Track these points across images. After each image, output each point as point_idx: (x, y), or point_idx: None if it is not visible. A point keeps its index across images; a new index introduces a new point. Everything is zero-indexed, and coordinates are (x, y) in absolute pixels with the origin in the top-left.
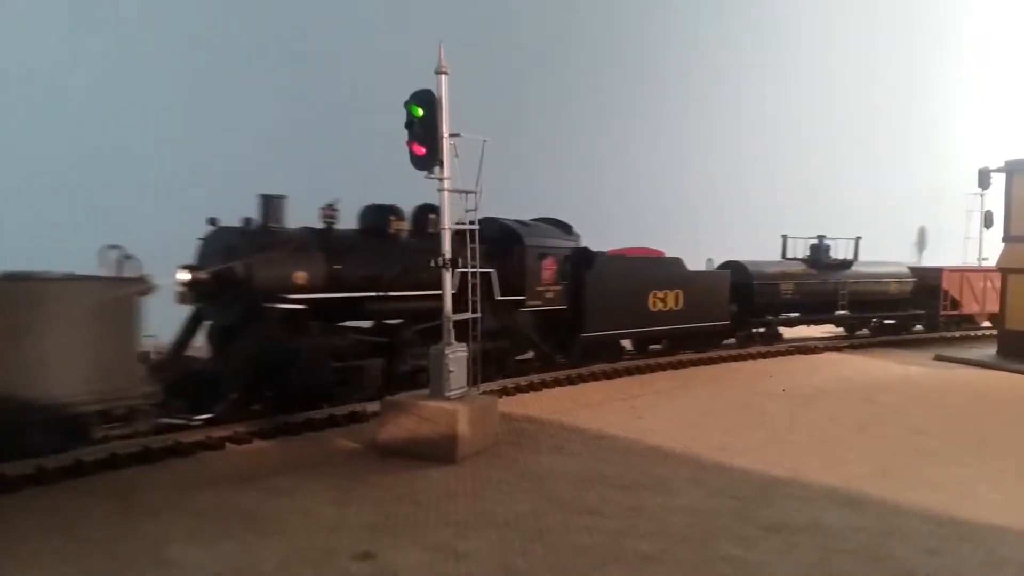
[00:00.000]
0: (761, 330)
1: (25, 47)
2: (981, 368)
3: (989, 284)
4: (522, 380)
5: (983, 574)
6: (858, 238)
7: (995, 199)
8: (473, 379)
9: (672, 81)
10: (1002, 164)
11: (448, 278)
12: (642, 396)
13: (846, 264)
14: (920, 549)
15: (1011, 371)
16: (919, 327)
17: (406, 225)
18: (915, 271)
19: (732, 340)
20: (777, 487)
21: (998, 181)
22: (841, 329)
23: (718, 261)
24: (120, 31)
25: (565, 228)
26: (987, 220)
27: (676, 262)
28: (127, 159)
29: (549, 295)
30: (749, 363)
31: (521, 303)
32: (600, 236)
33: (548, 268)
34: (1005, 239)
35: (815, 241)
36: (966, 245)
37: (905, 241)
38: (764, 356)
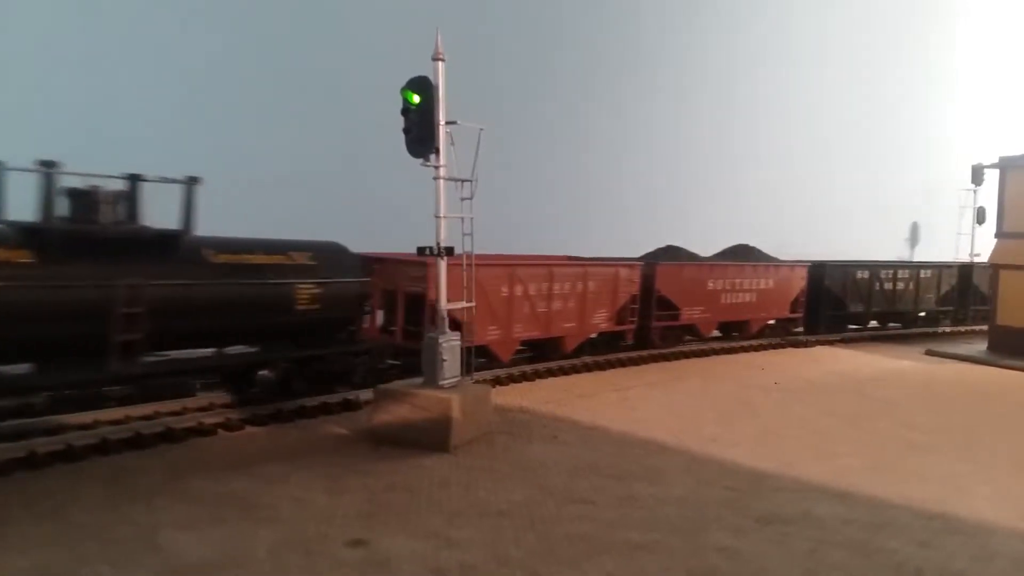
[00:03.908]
0: None
1: (20, 39)
2: (972, 363)
3: (508, 289)
4: (515, 371)
5: (974, 567)
6: (191, 179)
7: (988, 195)
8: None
9: (668, 74)
10: (996, 160)
11: (443, 266)
12: (635, 387)
13: (142, 240)
14: (911, 542)
15: (1001, 367)
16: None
17: None
18: (329, 264)
19: None
20: (769, 479)
21: (991, 177)
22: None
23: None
24: (116, 20)
25: None
26: (980, 216)
27: None
28: (123, 150)
29: None
30: (741, 356)
31: None
32: (598, 232)
33: None
34: (998, 235)
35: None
36: (958, 241)
37: (898, 237)
38: (756, 349)
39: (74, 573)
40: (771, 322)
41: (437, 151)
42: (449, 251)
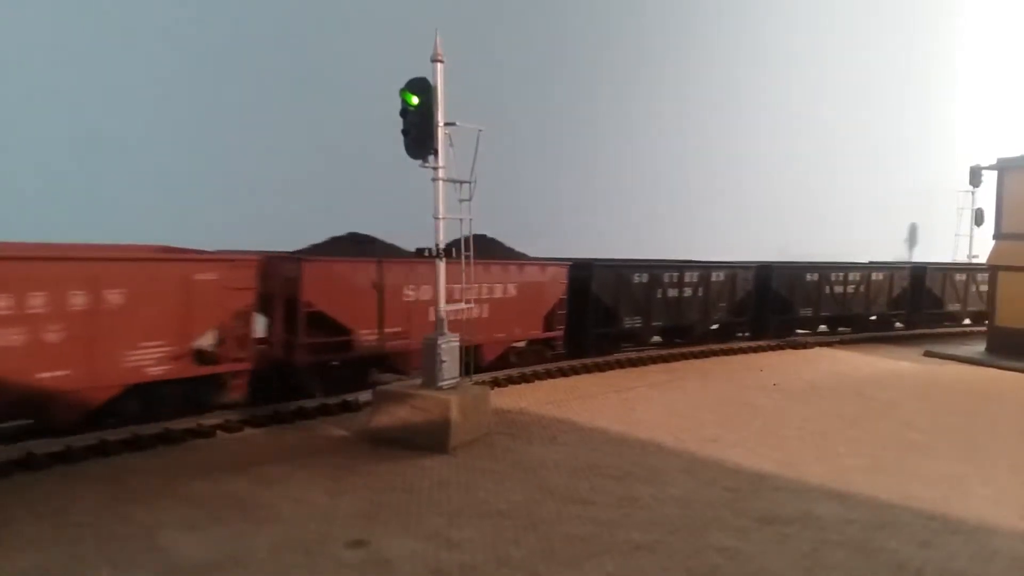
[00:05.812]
0: None
1: (16, 33)
2: (970, 364)
3: None
4: (515, 372)
5: (974, 566)
6: None
7: (986, 197)
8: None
9: (669, 76)
10: (994, 162)
11: (442, 268)
12: (635, 388)
13: None
14: (912, 541)
15: (1000, 367)
16: None
17: None
18: None
19: None
20: (769, 479)
21: (989, 179)
22: None
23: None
24: (112, 15)
25: None
26: (978, 218)
27: None
28: (119, 147)
29: None
30: (741, 357)
31: None
32: (598, 231)
33: None
34: (996, 236)
35: None
36: (956, 242)
37: (896, 238)
38: (756, 351)
39: (74, 573)
40: (519, 345)
41: (436, 152)
42: (448, 252)
